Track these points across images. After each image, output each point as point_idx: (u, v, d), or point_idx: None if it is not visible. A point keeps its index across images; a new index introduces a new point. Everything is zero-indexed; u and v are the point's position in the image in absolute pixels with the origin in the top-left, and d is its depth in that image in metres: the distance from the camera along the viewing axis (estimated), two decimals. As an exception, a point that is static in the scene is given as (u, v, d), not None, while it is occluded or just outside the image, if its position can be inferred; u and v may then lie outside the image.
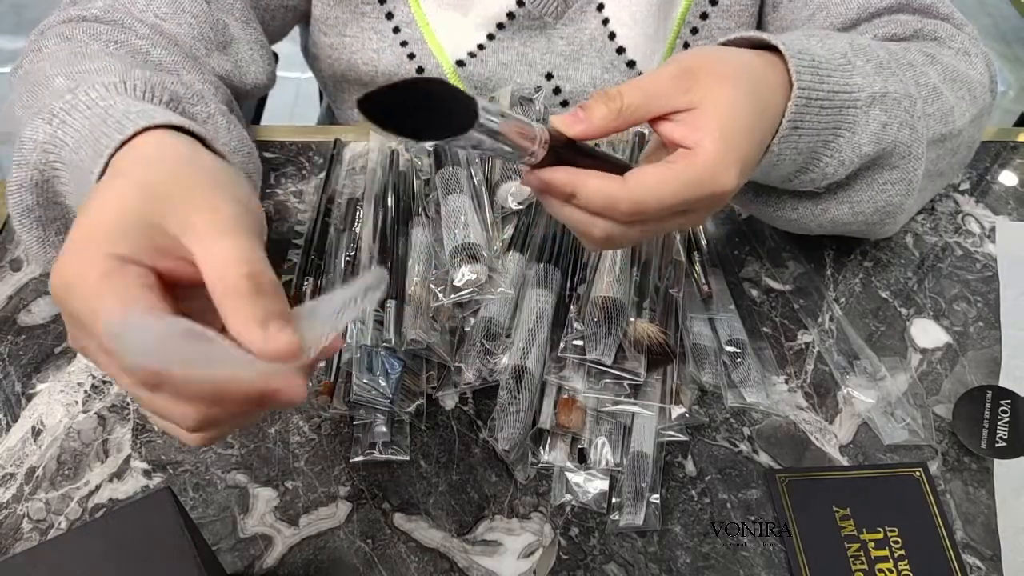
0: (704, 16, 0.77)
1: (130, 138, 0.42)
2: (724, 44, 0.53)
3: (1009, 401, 0.59)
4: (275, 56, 0.75)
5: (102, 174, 0.41)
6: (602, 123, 0.44)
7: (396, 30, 0.76)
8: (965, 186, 0.76)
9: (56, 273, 0.36)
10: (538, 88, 0.76)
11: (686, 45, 0.78)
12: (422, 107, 0.37)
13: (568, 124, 0.44)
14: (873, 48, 0.56)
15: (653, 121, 0.46)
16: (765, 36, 0.51)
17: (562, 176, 0.43)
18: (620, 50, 0.77)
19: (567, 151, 0.44)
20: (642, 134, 0.73)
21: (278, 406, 0.37)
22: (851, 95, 0.52)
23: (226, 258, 0.35)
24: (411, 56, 0.77)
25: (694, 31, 0.77)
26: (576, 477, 0.55)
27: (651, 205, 0.43)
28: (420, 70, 0.77)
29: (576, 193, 0.43)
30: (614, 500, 0.54)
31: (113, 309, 0.34)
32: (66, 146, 0.45)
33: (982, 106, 0.64)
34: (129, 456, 0.56)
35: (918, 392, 0.61)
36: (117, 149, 0.41)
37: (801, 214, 0.60)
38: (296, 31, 0.84)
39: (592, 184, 0.43)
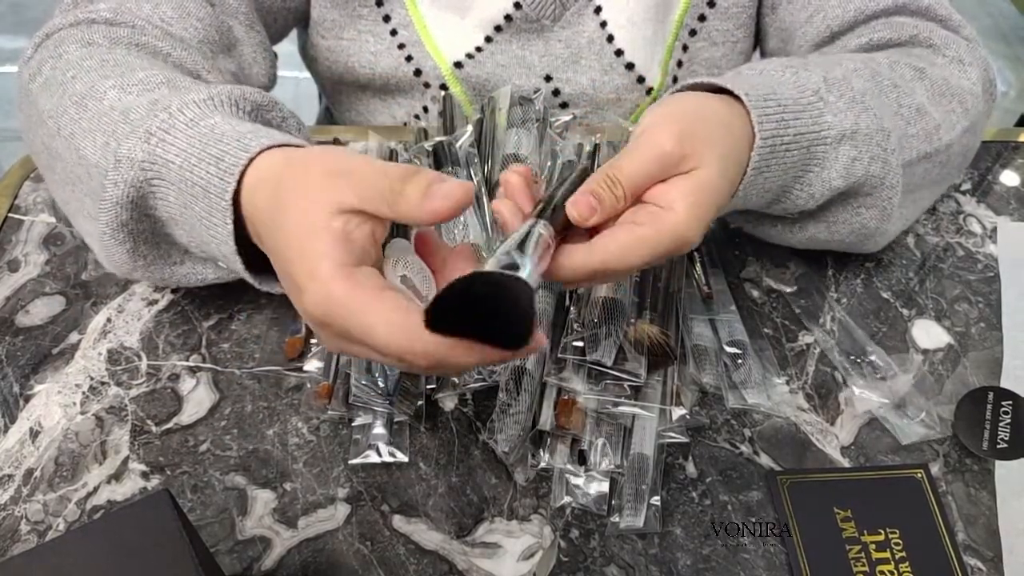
0: (702, 18, 0.77)
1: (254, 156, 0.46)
2: (690, 88, 0.54)
3: (1011, 402, 0.59)
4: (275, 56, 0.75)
5: (237, 191, 0.46)
6: (612, 211, 0.46)
7: (394, 32, 0.76)
8: (966, 186, 0.76)
9: (313, 305, 0.39)
10: (537, 90, 0.76)
11: (684, 48, 0.78)
12: (479, 306, 0.37)
13: (585, 217, 0.45)
14: (850, 79, 0.56)
15: None
16: (729, 84, 0.52)
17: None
18: (619, 52, 0.77)
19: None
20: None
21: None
22: (819, 133, 0.53)
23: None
24: (409, 59, 0.77)
25: (692, 33, 0.77)
26: (576, 479, 0.55)
27: (615, 267, 0.44)
28: (418, 72, 0.77)
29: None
30: (614, 502, 0.54)
31: (380, 315, 0.38)
32: (171, 164, 0.48)
33: (975, 116, 0.64)
34: (127, 458, 0.56)
35: (927, 387, 0.61)
36: (246, 166, 0.45)
37: (780, 231, 0.63)
38: (294, 31, 0.84)
39: (564, 263, 0.44)
